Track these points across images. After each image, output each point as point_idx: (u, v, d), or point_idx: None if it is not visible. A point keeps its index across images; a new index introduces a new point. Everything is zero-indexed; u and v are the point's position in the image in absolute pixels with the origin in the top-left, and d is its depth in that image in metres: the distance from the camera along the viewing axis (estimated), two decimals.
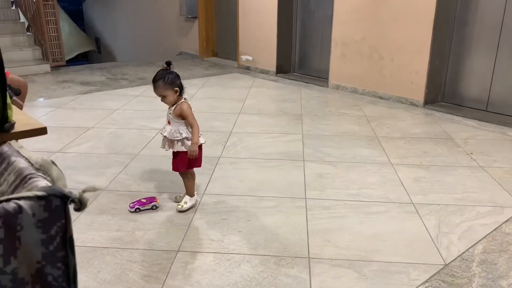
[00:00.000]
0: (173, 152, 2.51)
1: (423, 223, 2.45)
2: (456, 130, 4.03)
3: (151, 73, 6.50)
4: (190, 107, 2.48)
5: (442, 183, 2.96)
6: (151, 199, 2.59)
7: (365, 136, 3.86)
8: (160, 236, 2.30)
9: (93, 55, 11.50)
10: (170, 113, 2.51)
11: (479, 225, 2.42)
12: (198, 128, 2.45)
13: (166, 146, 2.52)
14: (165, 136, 2.50)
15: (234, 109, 4.70)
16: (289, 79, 6.22)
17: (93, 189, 0.94)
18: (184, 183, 2.57)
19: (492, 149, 3.57)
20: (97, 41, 11.37)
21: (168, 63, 2.53)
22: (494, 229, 2.38)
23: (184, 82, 2.64)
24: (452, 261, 2.10)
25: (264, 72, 6.57)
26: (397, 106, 4.85)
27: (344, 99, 5.15)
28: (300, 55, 6.45)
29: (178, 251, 2.18)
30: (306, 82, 5.97)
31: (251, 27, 6.64)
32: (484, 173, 3.11)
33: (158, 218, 2.48)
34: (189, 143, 2.44)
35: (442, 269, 2.04)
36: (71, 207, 0.90)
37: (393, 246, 2.23)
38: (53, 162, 1.01)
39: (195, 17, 7.66)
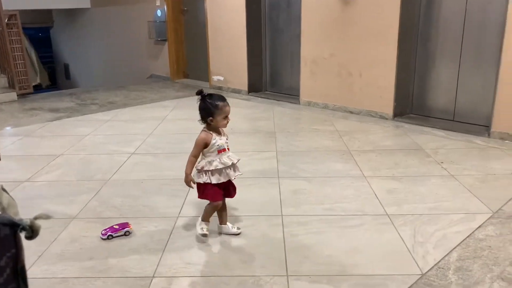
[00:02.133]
0: None
1: (399, 234, 2.46)
2: (426, 141, 4.12)
3: (121, 97, 6.44)
4: (201, 137, 2.35)
5: (415, 193, 3.00)
6: (124, 225, 2.53)
7: (338, 151, 3.90)
8: (134, 263, 2.24)
9: (62, 81, 11.32)
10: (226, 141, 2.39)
11: (453, 233, 2.46)
12: (189, 160, 2.35)
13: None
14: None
15: None
16: (261, 97, 6.26)
17: (46, 216, 0.89)
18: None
19: (461, 158, 3.65)
20: (66, 67, 11.21)
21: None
22: (468, 236, 2.42)
23: (156, 104, 2.60)
24: (428, 271, 2.11)
25: (236, 91, 6.60)
26: (368, 120, 4.94)
27: (316, 115, 5.21)
28: (271, 73, 6.52)
29: (153, 277, 2.12)
30: (278, 100, 6.02)
31: (221, 47, 6.68)
32: (455, 181, 3.18)
33: (131, 244, 2.41)
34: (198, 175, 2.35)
35: (419, 279, 2.05)
36: (22, 235, 0.85)
37: (370, 258, 2.24)
38: (3, 189, 0.97)
39: (165, 40, 7.67)
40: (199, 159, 2.36)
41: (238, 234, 2.47)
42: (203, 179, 2.32)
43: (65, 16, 10.35)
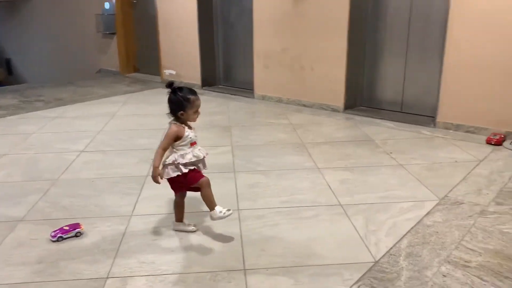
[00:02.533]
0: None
1: (352, 223, 2.53)
2: (376, 132, 4.25)
3: (69, 93, 6.18)
4: (173, 130, 2.25)
5: (367, 183, 3.09)
6: (75, 226, 2.43)
7: (292, 144, 3.95)
8: (87, 264, 2.16)
9: (3, 77, 10.71)
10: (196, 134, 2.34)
11: (403, 221, 2.55)
12: (158, 152, 2.25)
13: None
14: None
15: (160, 125, 4.56)
16: (215, 91, 6.22)
17: None
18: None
19: (409, 148, 3.80)
20: (8, 62, 10.62)
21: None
22: (417, 223, 2.52)
23: (105, 100, 2.51)
24: (381, 258, 2.18)
25: (190, 85, 6.47)
26: (320, 112, 5.03)
27: (270, 109, 5.24)
28: (225, 67, 6.49)
29: (108, 278, 2.06)
30: (233, 94, 6.01)
31: (173, 41, 6.56)
32: (404, 170, 3.30)
33: (83, 245, 2.33)
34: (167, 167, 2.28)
35: (372, 266, 2.12)
36: None
37: (326, 248, 2.28)
38: None
39: (114, 33, 7.43)
40: (166, 153, 2.28)
41: (194, 232, 2.44)
42: (177, 172, 2.25)
43: (5, 7, 9.79)
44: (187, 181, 2.28)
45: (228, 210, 2.31)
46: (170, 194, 2.91)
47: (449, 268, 2.09)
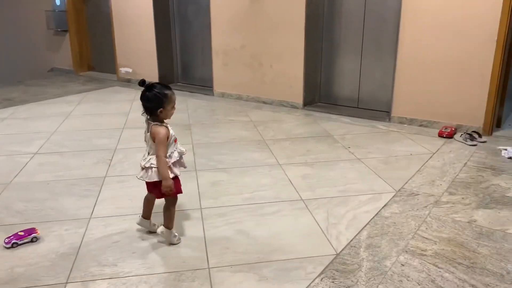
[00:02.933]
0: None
1: (314, 217, 2.58)
2: (334, 128, 4.35)
3: (19, 93, 5.92)
4: (163, 133, 2.14)
5: (327, 177, 3.15)
6: (30, 231, 2.34)
7: (253, 141, 3.96)
8: (45, 270, 2.09)
9: None
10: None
11: (362, 213, 2.63)
12: (163, 161, 2.13)
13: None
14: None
15: (118, 125, 4.48)
16: (173, 89, 6.12)
17: None
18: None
19: (366, 142, 3.91)
20: None
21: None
22: (375, 215, 2.60)
23: (59, 100, 2.43)
24: (342, 250, 2.24)
25: None
26: (280, 109, 5.08)
27: (230, 106, 5.23)
28: (183, 65, 6.41)
29: (67, 283, 1.99)
30: (192, 92, 5.95)
31: (128, 38, 6.42)
32: (362, 164, 3.39)
33: (40, 251, 2.25)
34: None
35: (334, 259, 2.17)
36: None
37: (288, 243, 2.31)
38: None
39: (66, 31, 7.18)
40: (147, 156, 2.21)
41: (159, 233, 2.33)
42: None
43: None
44: (174, 186, 2.19)
45: (179, 239, 2.31)
46: (129, 195, 2.86)
47: (407, 257, 2.17)
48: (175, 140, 2.24)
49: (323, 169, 3.30)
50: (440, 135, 4.00)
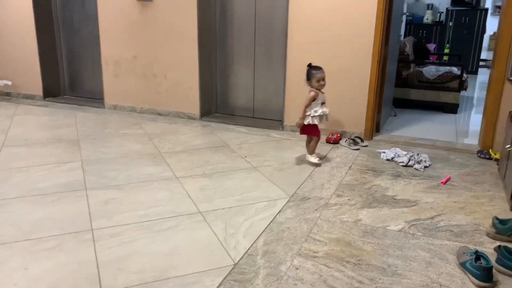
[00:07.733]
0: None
1: (212, 229, 2.58)
2: (231, 138, 4.41)
3: None
4: (310, 95, 3.49)
5: (224, 187, 3.18)
6: None
7: (149, 154, 3.86)
8: None
9: None
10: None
11: (259, 220, 2.69)
12: (303, 109, 3.50)
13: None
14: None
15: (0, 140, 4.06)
16: (60, 103, 5.74)
17: None
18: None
19: (261, 151, 4.03)
20: None
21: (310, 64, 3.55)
22: (271, 221, 2.68)
23: None
24: (240, 259, 2.27)
25: (29, 97, 5.90)
26: (177, 121, 5.01)
27: (123, 119, 5.04)
28: (70, 76, 6.03)
29: None
30: (80, 105, 5.62)
31: (6, 48, 5.87)
32: (258, 172, 3.48)
33: None
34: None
35: (232, 269, 2.18)
36: None
37: (187, 258, 2.28)
38: None
39: None
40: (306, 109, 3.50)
41: (319, 164, 3.65)
42: (309, 122, 3.53)
43: None
44: (314, 130, 3.57)
45: (320, 159, 3.70)
46: (12, 219, 2.60)
47: (301, 260, 2.27)
48: (322, 103, 3.51)
49: (220, 180, 3.32)
50: (328, 141, 4.27)
